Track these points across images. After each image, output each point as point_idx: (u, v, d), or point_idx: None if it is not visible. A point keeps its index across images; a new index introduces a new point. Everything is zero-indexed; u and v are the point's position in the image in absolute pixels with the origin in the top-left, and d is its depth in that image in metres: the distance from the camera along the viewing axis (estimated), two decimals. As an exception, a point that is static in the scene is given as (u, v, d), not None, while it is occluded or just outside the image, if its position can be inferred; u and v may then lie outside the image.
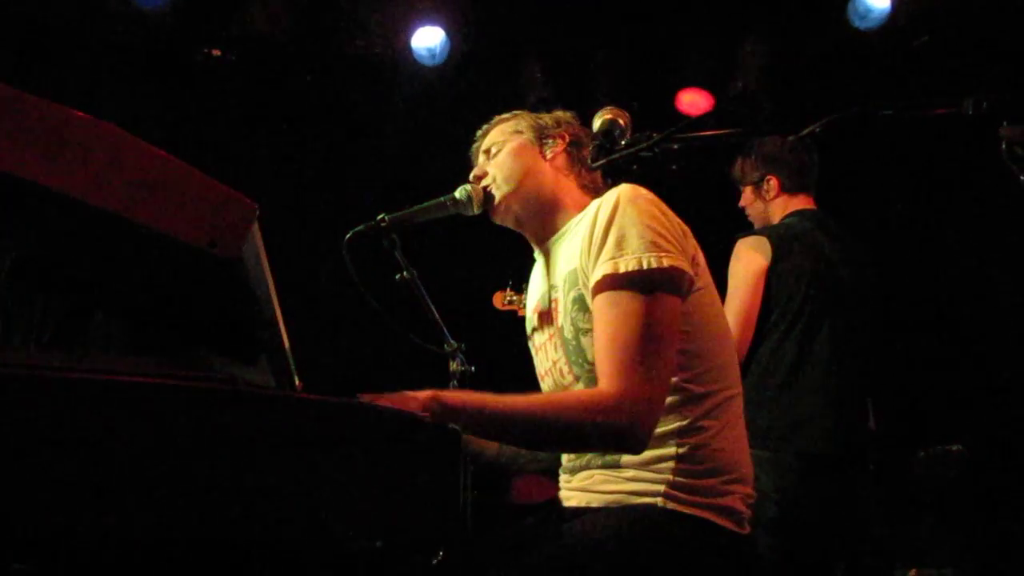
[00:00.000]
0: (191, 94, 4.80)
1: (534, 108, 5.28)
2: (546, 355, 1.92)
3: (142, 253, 1.15)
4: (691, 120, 1.62)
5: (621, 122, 1.72)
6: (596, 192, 2.00)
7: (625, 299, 1.63)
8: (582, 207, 1.96)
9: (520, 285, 3.79)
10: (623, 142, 1.68)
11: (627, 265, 1.64)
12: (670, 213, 1.76)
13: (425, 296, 2.41)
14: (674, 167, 1.95)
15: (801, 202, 3.21)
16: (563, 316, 1.83)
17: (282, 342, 1.38)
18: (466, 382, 2.69)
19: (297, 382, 1.52)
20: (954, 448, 4.24)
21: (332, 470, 1.06)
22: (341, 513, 1.06)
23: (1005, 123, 1.21)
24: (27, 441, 0.95)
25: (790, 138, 3.10)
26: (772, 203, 3.24)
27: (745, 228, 3.26)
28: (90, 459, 0.96)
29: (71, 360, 1.10)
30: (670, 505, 1.64)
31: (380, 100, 5.12)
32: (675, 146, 1.66)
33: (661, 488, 1.65)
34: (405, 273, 2.37)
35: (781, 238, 3.06)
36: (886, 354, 3.52)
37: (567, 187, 1.99)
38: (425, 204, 2.34)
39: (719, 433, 1.70)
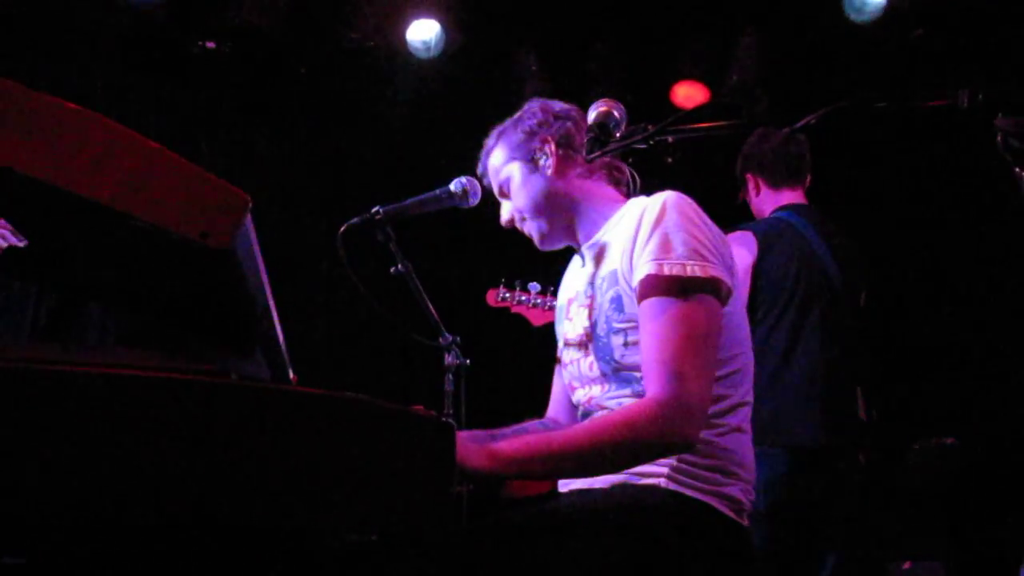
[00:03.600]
0: (185, 86, 4.79)
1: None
2: (577, 350, 1.90)
3: (134, 245, 1.15)
4: (685, 112, 1.61)
5: (616, 114, 1.71)
6: (608, 176, 1.97)
7: (671, 306, 1.64)
8: (603, 197, 1.94)
9: (513, 282, 3.79)
10: (618, 134, 1.68)
11: (671, 269, 1.65)
12: (711, 222, 1.76)
13: (420, 289, 2.41)
14: (669, 160, 1.94)
15: (789, 196, 3.21)
16: (598, 313, 1.82)
17: (276, 335, 1.38)
18: (461, 375, 2.69)
19: (292, 375, 1.52)
20: (948, 441, 4.25)
21: (326, 463, 1.06)
22: (335, 506, 1.06)
23: (1000, 114, 1.21)
24: (21, 434, 0.95)
25: (784, 131, 3.11)
26: (759, 199, 3.27)
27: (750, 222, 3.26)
28: (84, 452, 0.96)
29: (65, 353, 1.10)
30: (672, 486, 1.66)
31: (375, 93, 5.11)
32: (670, 139, 1.66)
33: (664, 471, 1.68)
34: (400, 266, 2.37)
35: (767, 232, 3.07)
36: (880, 347, 3.53)
37: (578, 184, 1.95)
38: (420, 197, 2.33)
39: (727, 434, 1.73)
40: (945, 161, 4.63)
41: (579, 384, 1.90)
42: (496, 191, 2.04)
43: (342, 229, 2.24)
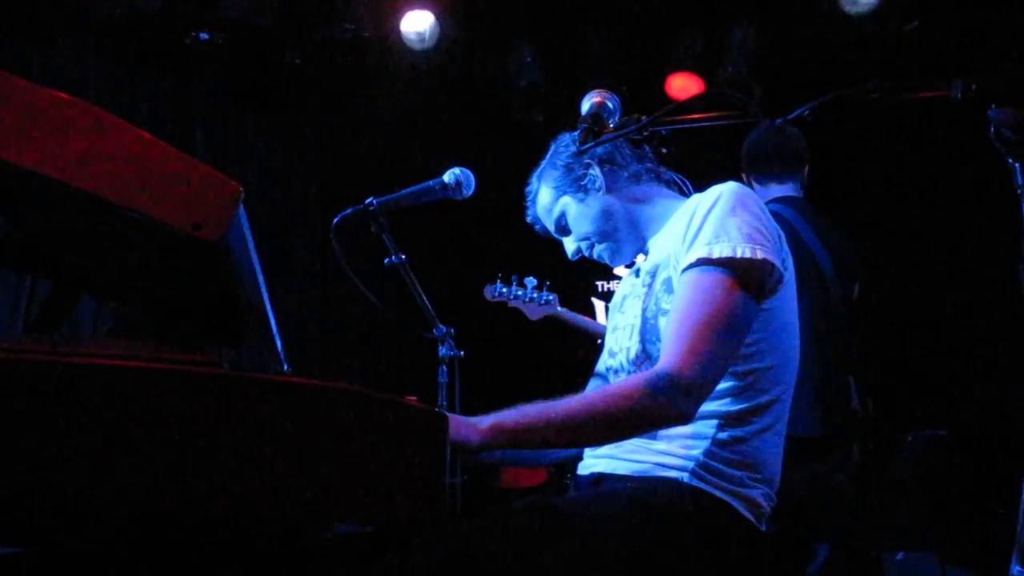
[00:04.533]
0: (178, 77, 4.77)
1: (525, 92, 5.24)
2: (626, 335, 1.89)
3: (126, 236, 1.14)
4: (678, 103, 1.60)
5: (610, 105, 1.71)
6: (657, 178, 1.98)
7: (709, 282, 1.64)
8: (661, 196, 1.95)
9: (510, 278, 3.79)
10: (611, 124, 1.67)
11: (721, 251, 1.65)
12: (768, 213, 1.76)
13: (414, 280, 2.40)
14: (664, 151, 1.94)
15: (778, 190, 3.22)
16: (651, 298, 1.82)
17: (269, 325, 1.38)
18: (455, 367, 2.69)
19: (285, 366, 1.52)
20: (940, 433, 4.27)
21: (319, 454, 1.06)
22: (329, 497, 1.06)
23: (994, 105, 1.20)
24: (12, 425, 0.94)
25: (764, 126, 3.12)
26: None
27: None
28: (74, 443, 0.96)
29: (57, 344, 1.10)
30: (695, 482, 1.65)
31: (369, 84, 5.10)
32: (663, 130, 1.65)
33: (689, 465, 1.66)
34: (394, 257, 2.36)
35: None
36: (873, 338, 3.53)
37: (632, 193, 1.96)
38: (414, 188, 2.33)
39: (760, 433, 1.71)
40: (938, 152, 4.63)
41: (622, 372, 1.89)
42: (554, 230, 2.05)
43: (336, 220, 2.23)
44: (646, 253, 1.97)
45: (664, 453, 1.70)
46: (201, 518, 1.02)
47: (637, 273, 1.94)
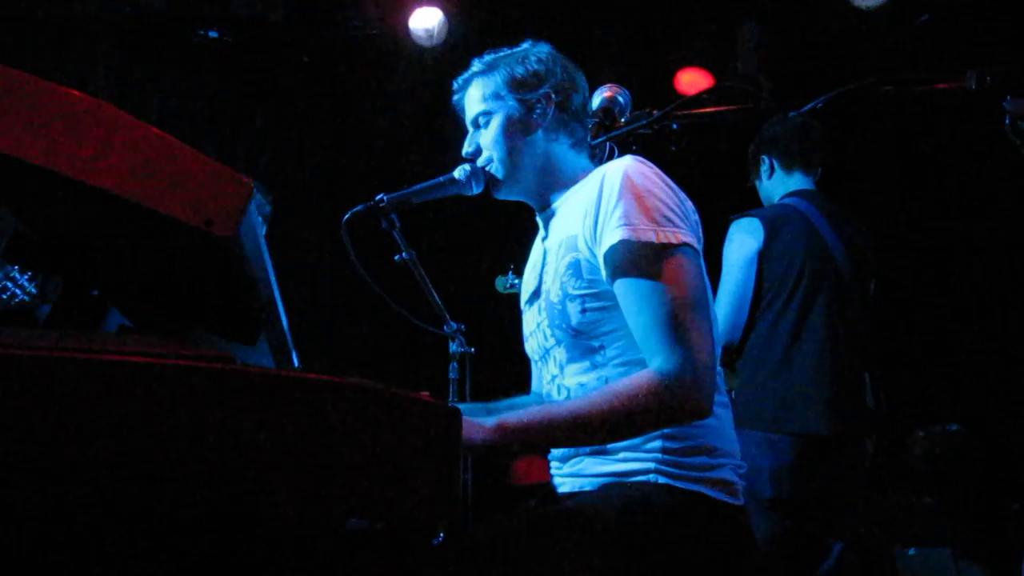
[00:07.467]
0: (188, 75, 4.78)
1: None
2: (533, 318, 1.90)
3: (138, 232, 1.15)
4: (690, 98, 1.60)
5: (621, 100, 1.70)
6: (589, 151, 1.96)
7: (654, 273, 1.62)
8: (577, 168, 1.92)
9: (522, 269, 3.78)
10: (622, 119, 1.67)
11: (644, 235, 1.62)
12: (674, 186, 1.73)
13: (424, 277, 2.40)
14: (673, 148, 1.93)
15: (800, 181, 3.20)
16: (552, 279, 1.80)
17: (281, 322, 1.38)
18: (465, 363, 2.69)
19: (296, 362, 1.52)
20: (953, 428, 4.25)
21: (331, 450, 1.06)
22: (340, 493, 1.06)
23: (1009, 97, 1.20)
24: (23, 422, 0.95)
25: (791, 115, 3.10)
26: (771, 183, 3.26)
27: (756, 207, 3.25)
28: (87, 439, 0.96)
29: (69, 341, 1.10)
30: (662, 480, 1.65)
31: (378, 81, 5.10)
32: (674, 125, 1.65)
33: (651, 466, 1.66)
34: (404, 254, 2.37)
35: (773, 219, 3.06)
36: (886, 334, 3.52)
37: (560, 149, 1.93)
38: (424, 184, 2.32)
39: None
40: (953, 145, 4.61)
41: (539, 358, 1.90)
42: (469, 120, 1.99)
43: (346, 217, 2.23)
44: (539, 225, 1.94)
45: (625, 461, 1.68)
46: (211, 514, 1.02)
47: (544, 253, 1.90)
